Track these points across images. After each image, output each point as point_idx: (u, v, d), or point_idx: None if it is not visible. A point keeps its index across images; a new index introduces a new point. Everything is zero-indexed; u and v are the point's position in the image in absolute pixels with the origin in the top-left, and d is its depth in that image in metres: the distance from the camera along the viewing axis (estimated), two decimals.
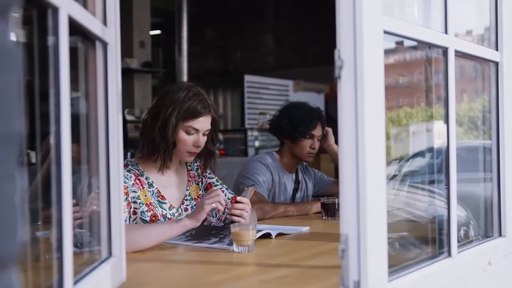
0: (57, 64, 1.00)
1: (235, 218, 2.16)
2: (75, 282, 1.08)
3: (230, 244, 1.90)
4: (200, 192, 2.39)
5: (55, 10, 0.99)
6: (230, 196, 2.40)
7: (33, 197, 1.13)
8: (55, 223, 0.99)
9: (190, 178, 2.38)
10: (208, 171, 2.44)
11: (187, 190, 2.35)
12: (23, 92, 0.61)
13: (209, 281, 1.55)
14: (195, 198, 2.36)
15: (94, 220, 1.38)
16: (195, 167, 2.42)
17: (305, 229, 2.35)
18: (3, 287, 0.58)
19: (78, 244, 1.28)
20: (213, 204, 2.01)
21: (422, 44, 1.60)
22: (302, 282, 1.52)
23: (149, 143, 2.21)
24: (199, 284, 1.52)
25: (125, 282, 1.42)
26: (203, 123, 2.21)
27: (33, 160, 1.66)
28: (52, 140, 0.99)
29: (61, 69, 1.00)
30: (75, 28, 1.10)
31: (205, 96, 2.23)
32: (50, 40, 1.00)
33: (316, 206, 2.81)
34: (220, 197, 2.04)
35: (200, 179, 2.42)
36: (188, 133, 2.20)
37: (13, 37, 0.60)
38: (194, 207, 2.31)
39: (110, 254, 1.36)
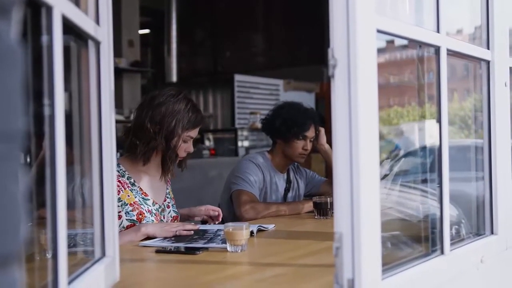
0: (51, 63, 0.99)
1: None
2: (69, 282, 1.07)
3: (224, 242, 1.89)
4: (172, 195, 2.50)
5: (49, 9, 0.98)
6: (173, 214, 2.43)
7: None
8: (49, 223, 0.98)
9: (168, 179, 2.46)
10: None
11: (167, 189, 2.43)
12: (25, 90, 0.60)
13: (203, 280, 1.54)
14: (172, 198, 2.45)
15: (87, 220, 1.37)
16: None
17: (271, 226, 2.35)
18: (8, 284, 0.58)
19: (70, 244, 1.27)
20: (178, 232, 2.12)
21: (413, 43, 1.61)
22: (297, 281, 1.52)
23: (151, 150, 2.24)
24: (194, 284, 1.52)
25: (118, 282, 1.41)
26: (197, 130, 2.33)
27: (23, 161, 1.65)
28: (46, 140, 0.99)
29: (55, 68, 0.99)
30: (68, 27, 1.10)
31: (196, 105, 2.35)
32: (44, 39, 1.00)
33: (308, 205, 2.82)
34: (186, 227, 2.16)
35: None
36: (185, 141, 2.28)
37: (14, 36, 0.60)
38: (174, 205, 2.43)
39: (103, 254, 1.36)
